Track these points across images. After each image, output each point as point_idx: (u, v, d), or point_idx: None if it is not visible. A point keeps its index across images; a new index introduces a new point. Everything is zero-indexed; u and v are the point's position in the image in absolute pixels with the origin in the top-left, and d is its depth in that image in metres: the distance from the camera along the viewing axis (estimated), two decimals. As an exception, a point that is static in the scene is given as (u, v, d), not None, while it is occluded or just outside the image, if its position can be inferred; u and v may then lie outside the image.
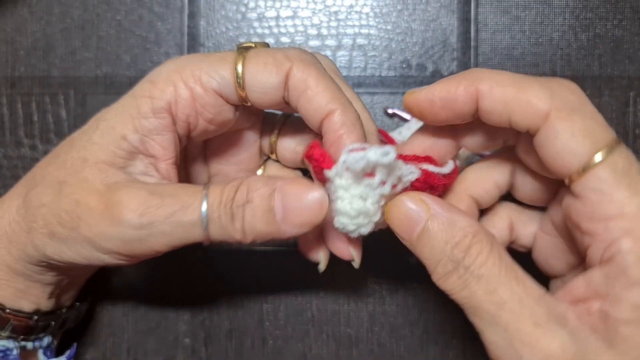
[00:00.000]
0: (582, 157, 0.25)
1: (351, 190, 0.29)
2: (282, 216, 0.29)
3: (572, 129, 0.26)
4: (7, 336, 0.34)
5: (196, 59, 0.31)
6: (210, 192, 0.30)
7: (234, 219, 0.29)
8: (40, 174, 0.33)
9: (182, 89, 0.31)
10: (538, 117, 0.26)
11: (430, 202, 0.28)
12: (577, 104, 0.26)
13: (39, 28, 0.45)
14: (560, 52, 0.44)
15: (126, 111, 0.31)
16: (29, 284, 0.34)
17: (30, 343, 0.35)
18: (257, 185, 0.30)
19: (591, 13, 0.45)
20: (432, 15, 0.45)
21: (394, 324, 0.44)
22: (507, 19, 0.44)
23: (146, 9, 0.45)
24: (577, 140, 0.26)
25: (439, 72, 0.44)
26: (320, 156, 0.30)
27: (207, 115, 0.32)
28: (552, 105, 0.26)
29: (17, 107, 0.45)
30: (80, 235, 0.30)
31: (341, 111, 0.30)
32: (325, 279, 0.45)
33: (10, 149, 0.45)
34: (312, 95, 0.30)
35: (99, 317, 0.45)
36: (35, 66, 0.45)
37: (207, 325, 0.44)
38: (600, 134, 0.26)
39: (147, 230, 0.29)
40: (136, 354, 0.44)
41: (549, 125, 0.26)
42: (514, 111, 0.27)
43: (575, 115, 0.26)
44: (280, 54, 0.30)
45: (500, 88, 0.27)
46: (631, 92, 0.44)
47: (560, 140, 0.26)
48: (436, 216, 0.28)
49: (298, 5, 0.45)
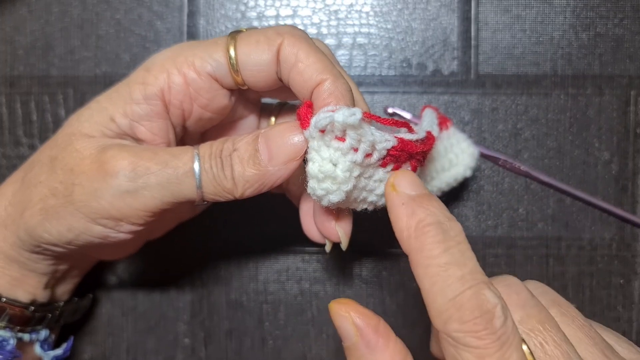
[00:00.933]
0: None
1: (321, 152, 0.29)
2: (268, 157, 0.30)
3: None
4: (3, 326, 0.34)
5: (190, 46, 0.32)
6: (200, 147, 0.31)
7: (224, 167, 0.30)
8: (36, 156, 0.34)
9: (175, 75, 0.31)
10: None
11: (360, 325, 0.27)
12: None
13: (38, 27, 0.45)
14: (561, 51, 0.44)
15: (119, 96, 0.32)
16: (24, 273, 0.34)
17: (27, 335, 0.35)
18: (242, 136, 0.31)
19: (592, 12, 0.44)
20: (432, 14, 0.44)
21: (394, 324, 0.44)
22: (508, 17, 0.44)
23: (145, 8, 0.45)
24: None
25: (439, 71, 0.44)
26: (304, 115, 0.29)
27: (202, 101, 0.32)
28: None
29: (16, 107, 0.44)
30: (74, 203, 0.31)
31: (331, 80, 0.30)
32: (326, 279, 0.44)
33: (9, 148, 0.44)
34: (303, 67, 0.30)
35: (99, 317, 0.44)
36: (34, 65, 0.45)
37: (206, 325, 0.44)
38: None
39: (141, 182, 0.30)
40: (136, 353, 0.44)
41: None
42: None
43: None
44: (271, 31, 0.31)
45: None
46: (632, 91, 0.44)
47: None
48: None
49: (298, 4, 0.45)
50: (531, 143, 0.44)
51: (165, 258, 0.44)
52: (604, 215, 0.44)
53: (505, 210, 0.44)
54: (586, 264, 0.44)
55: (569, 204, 0.44)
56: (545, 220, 0.44)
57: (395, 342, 0.27)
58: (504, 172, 0.44)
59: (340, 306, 0.27)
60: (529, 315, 0.25)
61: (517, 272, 0.44)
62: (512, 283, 0.26)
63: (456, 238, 0.25)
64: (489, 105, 0.44)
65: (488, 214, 0.44)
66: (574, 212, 0.44)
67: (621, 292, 0.44)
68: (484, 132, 0.44)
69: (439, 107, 0.44)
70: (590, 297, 0.44)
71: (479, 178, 0.44)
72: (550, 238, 0.44)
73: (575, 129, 0.44)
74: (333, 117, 0.27)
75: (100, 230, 0.32)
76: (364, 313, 0.26)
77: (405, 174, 0.28)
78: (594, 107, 0.44)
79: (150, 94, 0.31)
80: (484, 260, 0.44)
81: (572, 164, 0.44)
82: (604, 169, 0.44)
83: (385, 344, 0.26)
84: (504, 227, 0.44)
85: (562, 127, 0.44)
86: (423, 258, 0.25)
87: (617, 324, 0.44)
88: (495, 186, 0.44)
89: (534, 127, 0.44)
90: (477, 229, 0.44)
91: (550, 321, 0.25)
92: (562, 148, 0.44)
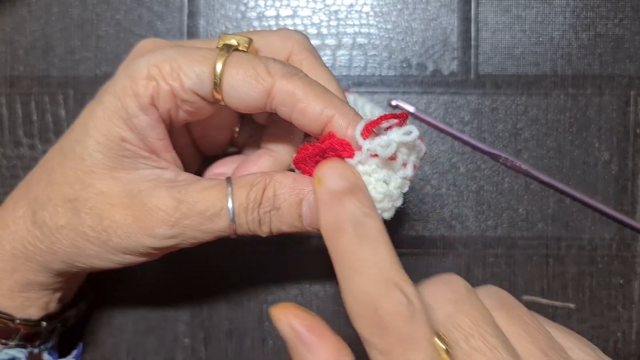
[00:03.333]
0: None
1: (375, 174, 0.29)
2: (310, 222, 0.30)
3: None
4: (15, 345, 0.33)
5: (176, 54, 0.30)
6: (235, 197, 0.30)
7: (262, 224, 0.30)
8: (42, 193, 0.32)
9: (162, 84, 0.30)
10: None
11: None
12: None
13: (38, 27, 0.45)
14: (561, 51, 0.44)
15: (115, 113, 0.30)
16: (43, 293, 0.34)
17: (37, 348, 0.35)
18: (283, 190, 0.30)
19: (592, 12, 0.44)
20: (432, 15, 0.44)
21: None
22: (508, 18, 0.44)
23: (146, 8, 0.45)
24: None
25: (439, 72, 0.44)
26: (340, 145, 0.29)
27: (187, 109, 0.31)
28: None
29: (16, 107, 0.44)
30: (112, 247, 0.31)
31: (340, 114, 0.29)
32: (326, 279, 0.44)
33: (10, 148, 0.44)
34: (304, 107, 0.29)
35: (99, 317, 0.44)
36: (34, 66, 0.45)
37: (206, 325, 0.44)
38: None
39: (179, 239, 0.30)
40: (135, 354, 0.44)
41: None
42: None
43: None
44: (261, 68, 0.29)
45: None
46: (632, 91, 0.44)
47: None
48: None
49: (298, 5, 0.45)
50: (531, 143, 0.44)
51: (165, 258, 0.44)
52: (604, 216, 0.44)
53: (505, 210, 0.44)
54: (586, 264, 0.44)
55: (569, 204, 0.44)
56: (545, 220, 0.44)
57: (331, 338, 0.27)
58: (504, 172, 0.44)
59: (279, 311, 0.27)
60: (460, 310, 0.25)
61: (517, 272, 0.44)
62: (452, 280, 0.26)
63: (370, 235, 0.25)
64: (488, 106, 0.44)
65: (488, 214, 0.44)
66: (574, 212, 0.44)
67: (621, 292, 0.44)
68: (483, 132, 0.44)
69: (439, 108, 0.44)
70: (590, 297, 0.44)
71: (479, 178, 0.44)
72: (550, 238, 0.44)
73: (575, 129, 0.44)
74: (392, 140, 0.27)
75: (135, 259, 0.32)
76: (300, 315, 0.27)
77: (332, 165, 0.27)
78: (594, 107, 0.44)
79: (144, 104, 0.30)
80: (484, 260, 0.44)
81: (571, 164, 0.44)
82: (603, 169, 0.44)
83: (321, 341, 0.26)
84: (504, 227, 0.44)
85: (562, 127, 0.44)
86: (338, 256, 0.25)
87: (617, 323, 0.44)
88: (495, 186, 0.44)
89: (534, 127, 0.44)
90: (477, 229, 0.44)
91: (484, 317, 0.25)
92: (562, 148, 0.44)
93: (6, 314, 0.33)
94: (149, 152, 0.31)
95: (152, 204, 0.30)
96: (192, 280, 0.44)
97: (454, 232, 0.44)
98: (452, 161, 0.44)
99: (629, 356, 0.44)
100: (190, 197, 0.30)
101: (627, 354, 0.44)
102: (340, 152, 0.29)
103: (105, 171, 0.30)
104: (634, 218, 0.44)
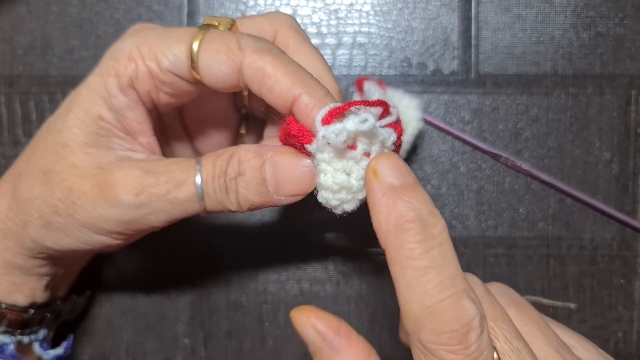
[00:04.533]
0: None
1: (333, 163, 0.28)
2: (275, 187, 0.29)
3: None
4: (2, 331, 0.34)
5: (156, 35, 0.31)
6: (203, 166, 0.30)
7: (229, 193, 0.30)
8: (23, 166, 0.33)
9: (140, 65, 0.30)
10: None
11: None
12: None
13: (37, 27, 0.45)
14: (562, 51, 0.44)
15: (96, 92, 0.31)
16: (26, 278, 0.34)
17: (27, 337, 0.35)
18: (248, 156, 0.30)
19: (592, 11, 0.44)
20: (432, 14, 0.44)
21: (394, 324, 0.44)
22: (508, 17, 0.44)
23: (145, 7, 0.45)
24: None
25: (440, 71, 0.44)
26: (298, 131, 0.28)
27: (167, 90, 0.31)
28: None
29: (15, 106, 0.44)
30: (78, 221, 0.31)
31: (307, 92, 0.28)
32: (326, 279, 0.44)
33: (9, 147, 0.44)
34: (272, 83, 0.29)
35: (98, 317, 0.44)
36: (33, 65, 0.44)
37: (206, 325, 0.44)
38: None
39: (145, 210, 0.30)
40: (135, 354, 0.44)
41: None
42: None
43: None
44: (233, 43, 0.29)
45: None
46: (632, 91, 0.44)
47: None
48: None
49: (298, 4, 0.44)
50: (532, 142, 0.44)
51: (165, 258, 0.44)
52: (605, 215, 0.44)
53: (506, 210, 0.44)
54: (587, 263, 0.44)
55: (569, 203, 0.44)
56: (546, 220, 0.44)
57: (358, 341, 0.26)
58: (505, 171, 0.44)
59: (301, 314, 0.26)
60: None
61: (518, 272, 0.44)
62: (469, 280, 0.26)
63: (439, 238, 0.23)
64: (489, 105, 0.44)
65: (489, 214, 0.44)
66: (574, 212, 0.44)
67: (622, 292, 0.44)
68: (484, 131, 0.44)
69: (439, 107, 0.44)
70: (591, 297, 0.44)
71: (480, 178, 0.44)
72: (551, 238, 0.44)
73: (575, 128, 0.44)
74: (346, 129, 0.26)
75: (108, 239, 0.32)
76: (325, 317, 0.26)
77: (390, 158, 0.25)
78: (595, 106, 0.44)
79: (123, 84, 0.30)
80: (485, 260, 0.44)
81: (572, 163, 0.44)
82: (604, 168, 0.44)
83: (348, 344, 0.26)
84: (505, 227, 0.44)
85: (563, 127, 0.44)
86: (401, 257, 0.23)
87: (618, 324, 0.44)
88: (496, 186, 0.44)
89: (535, 127, 0.44)
90: (477, 229, 0.44)
91: (504, 318, 0.25)
92: (563, 147, 0.44)
93: None
94: (125, 133, 0.32)
95: (119, 174, 0.30)
96: (191, 280, 0.44)
97: (455, 232, 0.44)
98: (453, 161, 0.44)
99: (629, 356, 0.44)
100: (158, 168, 0.30)
101: (628, 354, 0.44)
102: (299, 138, 0.28)
103: (79, 146, 0.31)
104: (635, 218, 0.44)
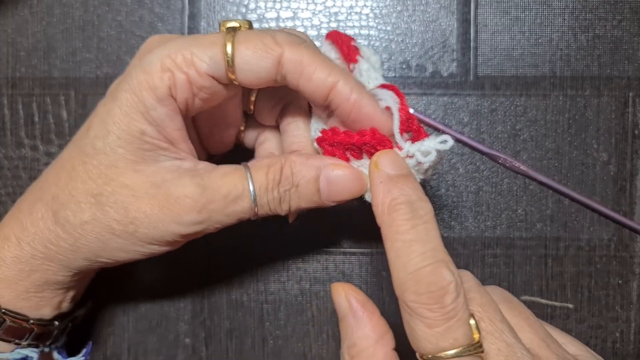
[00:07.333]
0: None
1: None
2: (327, 195, 0.33)
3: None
4: (27, 344, 0.34)
5: (185, 43, 0.31)
6: (255, 177, 0.32)
7: (282, 202, 0.33)
8: (63, 191, 0.32)
9: (178, 74, 0.30)
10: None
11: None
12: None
13: (39, 29, 0.45)
14: (560, 53, 0.45)
15: (132, 108, 0.31)
16: (57, 292, 0.34)
17: (48, 347, 0.35)
18: (300, 168, 0.32)
19: (590, 14, 0.45)
20: (431, 16, 0.45)
21: (394, 324, 0.44)
22: (507, 19, 0.45)
23: (147, 10, 0.45)
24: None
25: (439, 73, 0.44)
26: (381, 142, 0.31)
27: (203, 96, 0.32)
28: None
29: (18, 108, 0.45)
30: (138, 238, 0.32)
31: (344, 80, 0.31)
32: (326, 279, 0.45)
33: (11, 149, 0.45)
34: (311, 72, 0.31)
35: (100, 316, 0.45)
36: (36, 67, 0.45)
37: (207, 325, 0.44)
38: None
39: (205, 224, 0.32)
40: (136, 353, 0.45)
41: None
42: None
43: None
44: (268, 39, 0.31)
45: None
46: (630, 93, 0.44)
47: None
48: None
49: (298, 7, 0.45)
50: (530, 144, 0.44)
51: (166, 258, 0.45)
52: (602, 216, 0.44)
53: (504, 210, 0.44)
54: (584, 264, 0.44)
55: (567, 204, 0.44)
56: (544, 221, 0.44)
57: (379, 318, 0.31)
58: (503, 172, 0.44)
59: (339, 285, 0.31)
60: (470, 298, 0.28)
61: (516, 272, 0.44)
62: (464, 274, 0.29)
63: (424, 217, 0.27)
64: (487, 107, 0.44)
65: (487, 215, 0.44)
66: (572, 213, 0.44)
67: (619, 293, 0.44)
68: (482, 133, 0.44)
69: (438, 109, 0.44)
70: (589, 298, 0.44)
71: (478, 179, 0.44)
72: (549, 238, 0.44)
73: (573, 130, 0.44)
74: (430, 146, 0.30)
75: (157, 248, 0.33)
76: (357, 292, 0.31)
77: (388, 154, 0.30)
78: (593, 108, 0.44)
79: (162, 95, 0.31)
80: (483, 260, 0.44)
81: (570, 164, 0.44)
82: (602, 170, 0.44)
83: (370, 317, 0.30)
84: (503, 227, 0.44)
85: (561, 128, 0.44)
86: (391, 232, 0.27)
87: (616, 324, 0.44)
88: (494, 187, 0.44)
89: (533, 128, 0.44)
90: (475, 230, 0.44)
91: (491, 304, 0.28)
92: (561, 149, 0.44)
93: (21, 314, 0.33)
94: (168, 143, 0.32)
95: (179, 193, 0.31)
96: (193, 280, 0.45)
97: (453, 233, 0.45)
98: (451, 162, 0.44)
99: (627, 356, 0.44)
100: (214, 183, 0.31)
101: (625, 354, 0.44)
102: (378, 149, 0.31)
103: (127, 165, 0.31)
104: (632, 219, 0.44)
